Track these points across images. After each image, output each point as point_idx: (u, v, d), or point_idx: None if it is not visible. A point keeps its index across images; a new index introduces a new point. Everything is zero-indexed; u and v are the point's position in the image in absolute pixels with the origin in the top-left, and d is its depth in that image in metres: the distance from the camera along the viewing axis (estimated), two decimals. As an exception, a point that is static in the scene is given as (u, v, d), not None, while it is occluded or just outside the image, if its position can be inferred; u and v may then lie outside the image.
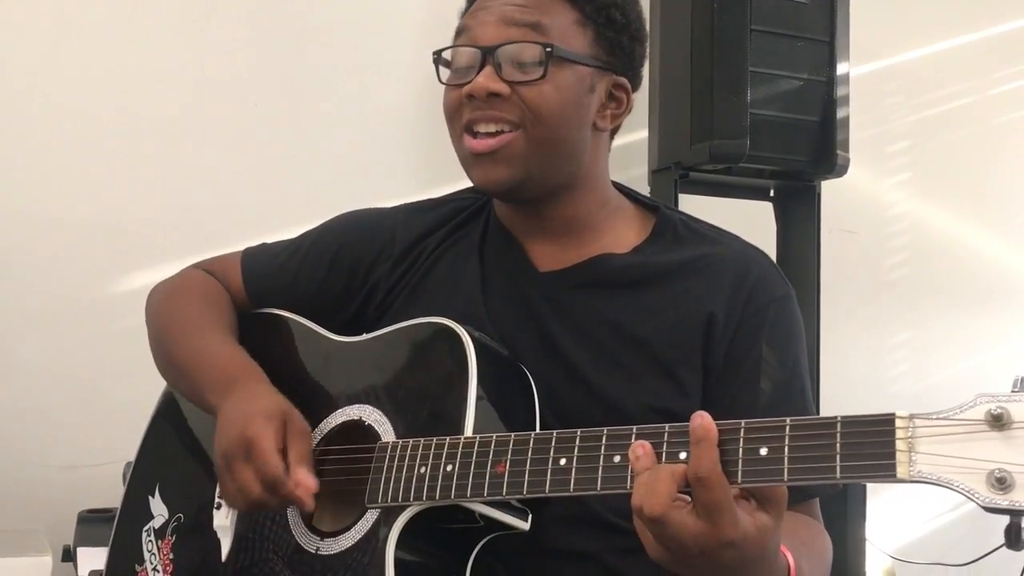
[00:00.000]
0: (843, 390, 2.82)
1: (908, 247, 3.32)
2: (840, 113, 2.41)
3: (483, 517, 1.05)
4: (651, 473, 0.89)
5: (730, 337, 1.18)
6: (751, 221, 2.44)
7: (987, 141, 3.39)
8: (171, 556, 1.27)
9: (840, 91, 2.41)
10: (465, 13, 1.26)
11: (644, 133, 2.54)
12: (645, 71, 1.31)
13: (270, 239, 1.46)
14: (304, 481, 1.08)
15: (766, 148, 2.34)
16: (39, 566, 1.73)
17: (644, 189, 2.48)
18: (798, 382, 1.20)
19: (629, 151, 2.68)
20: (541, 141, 1.18)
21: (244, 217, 2.41)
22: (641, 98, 2.46)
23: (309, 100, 2.56)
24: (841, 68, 2.42)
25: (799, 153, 2.40)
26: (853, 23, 2.46)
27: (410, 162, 2.59)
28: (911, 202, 3.31)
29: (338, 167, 2.56)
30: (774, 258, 2.54)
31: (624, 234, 1.26)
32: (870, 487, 2.54)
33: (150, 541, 1.31)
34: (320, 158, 2.55)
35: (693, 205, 2.39)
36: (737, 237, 1.28)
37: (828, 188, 2.54)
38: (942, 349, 3.28)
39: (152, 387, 1.42)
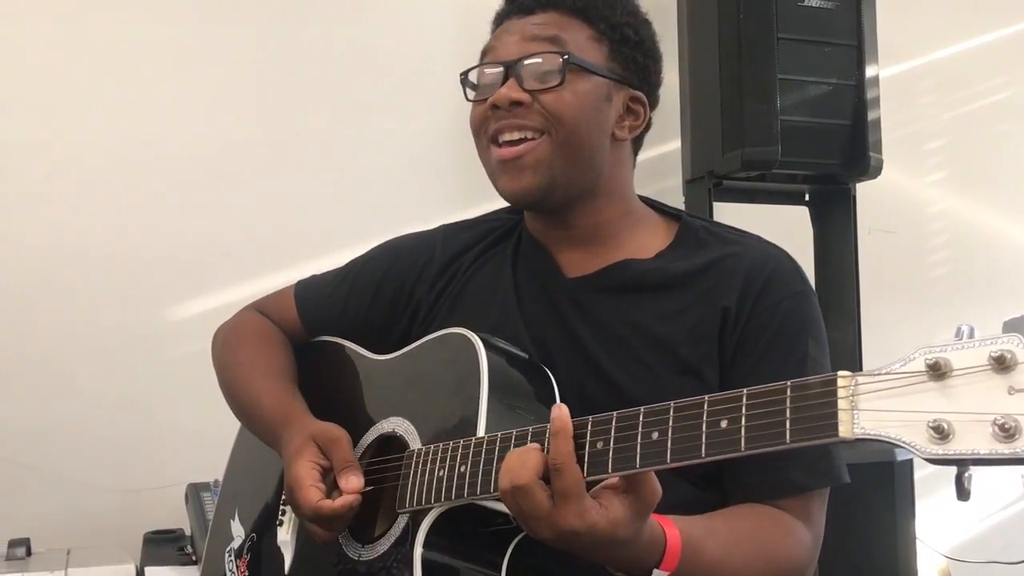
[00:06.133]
0: (888, 390, 2.80)
1: (948, 245, 3.30)
2: (871, 115, 2.42)
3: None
4: (523, 450, 0.98)
5: (740, 330, 1.21)
6: (787, 226, 2.45)
7: (1022, 136, 3.37)
8: (247, 574, 1.36)
9: (870, 93, 2.42)
10: (491, 38, 1.34)
11: (676, 144, 2.57)
12: (674, 96, 1.36)
13: (316, 262, 1.53)
14: (347, 485, 1.16)
15: (798, 153, 2.36)
16: (123, 573, 1.87)
17: (679, 199, 2.51)
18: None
19: (663, 162, 2.71)
20: (563, 144, 1.24)
21: (291, 242, 2.49)
22: (673, 109, 2.52)
23: (349, 128, 2.63)
24: (870, 71, 2.43)
25: (831, 157, 2.41)
26: (881, 24, 2.47)
27: (448, 184, 2.63)
28: (949, 200, 3.30)
29: (379, 191, 2.62)
30: (812, 261, 2.57)
31: (648, 242, 1.31)
32: (921, 487, 2.52)
33: (231, 561, 1.40)
34: (361, 183, 2.62)
35: (728, 213, 2.41)
36: (758, 237, 1.32)
37: (866, 189, 2.55)
38: (987, 346, 3.24)
39: (209, 412, 1.49)
